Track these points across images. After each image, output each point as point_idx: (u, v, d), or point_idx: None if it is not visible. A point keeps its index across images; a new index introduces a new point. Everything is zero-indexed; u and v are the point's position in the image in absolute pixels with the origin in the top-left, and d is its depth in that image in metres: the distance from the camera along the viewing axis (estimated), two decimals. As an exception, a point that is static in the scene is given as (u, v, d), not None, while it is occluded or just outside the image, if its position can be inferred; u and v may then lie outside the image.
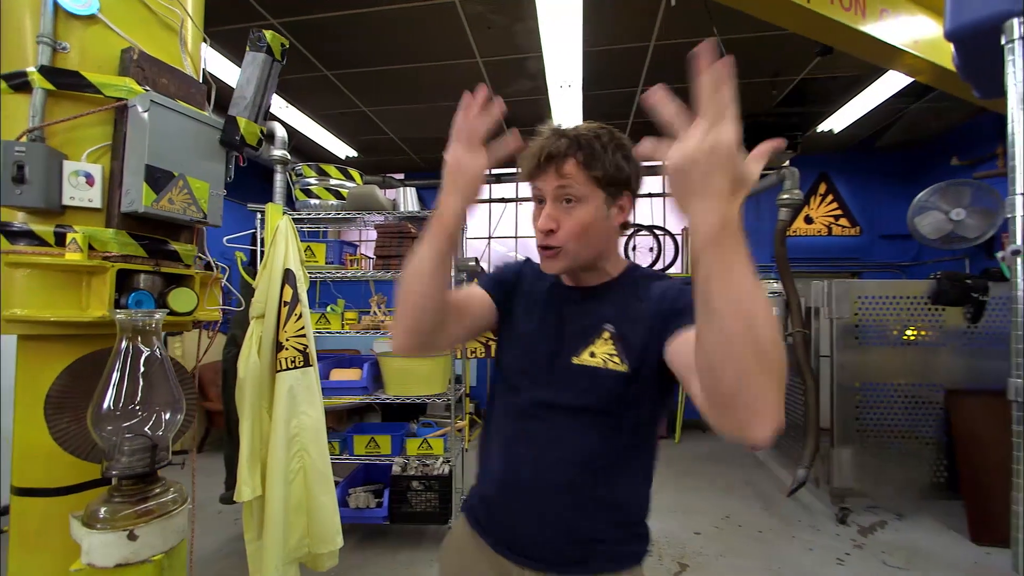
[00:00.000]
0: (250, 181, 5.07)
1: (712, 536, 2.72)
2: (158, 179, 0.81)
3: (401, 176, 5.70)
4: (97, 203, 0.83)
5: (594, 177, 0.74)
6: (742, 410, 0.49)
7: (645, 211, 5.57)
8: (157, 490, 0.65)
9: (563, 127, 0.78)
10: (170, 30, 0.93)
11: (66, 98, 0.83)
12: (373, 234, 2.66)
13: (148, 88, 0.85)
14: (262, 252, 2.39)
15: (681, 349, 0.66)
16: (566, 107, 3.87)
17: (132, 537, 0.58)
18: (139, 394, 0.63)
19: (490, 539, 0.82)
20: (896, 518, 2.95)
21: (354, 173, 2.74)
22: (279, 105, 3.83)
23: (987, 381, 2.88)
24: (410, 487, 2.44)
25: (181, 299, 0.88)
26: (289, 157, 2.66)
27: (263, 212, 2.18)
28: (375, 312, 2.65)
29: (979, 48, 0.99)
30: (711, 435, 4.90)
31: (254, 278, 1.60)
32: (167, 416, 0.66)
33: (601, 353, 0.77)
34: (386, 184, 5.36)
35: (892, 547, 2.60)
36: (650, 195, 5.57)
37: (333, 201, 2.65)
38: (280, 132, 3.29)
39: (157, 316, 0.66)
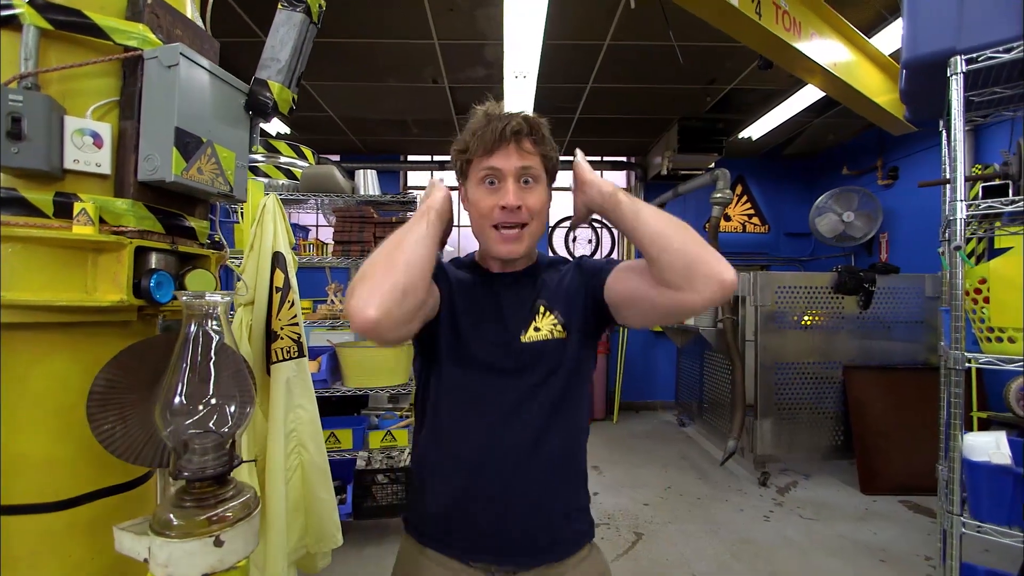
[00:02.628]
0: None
1: (659, 506, 2.96)
2: (187, 144, 0.71)
3: (336, 158, 5.37)
4: (106, 168, 0.70)
5: (544, 158, 0.80)
6: (703, 265, 0.70)
7: (584, 204, 5.79)
8: (231, 492, 0.58)
9: (502, 108, 0.80)
10: (179, -25, 0.82)
11: (62, 41, 0.69)
12: (316, 218, 2.50)
13: (162, 38, 0.74)
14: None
15: (619, 277, 0.81)
16: (519, 97, 3.89)
17: (218, 543, 0.52)
18: (211, 386, 0.57)
19: (453, 552, 0.80)
20: (804, 478, 3.42)
21: (306, 151, 2.55)
22: (204, 70, 3.41)
23: (874, 358, 3.43)
24: (375, 481, 2.37)
25: (199, 281, 0.79)
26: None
27: None
28: (332, 301, 2.51)
29: (924, 78, 1.18)
30: (645, 414, 5.29)
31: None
32: (234, 410, 0.60)
33: (544, 326, 0.82)
34: (321, 165, 5.03)
35: (804, 502, 3.01)
36: (589, 189, 5.79)
37: (284, 181, 2.44)
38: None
39: (226, 299, 0.59)
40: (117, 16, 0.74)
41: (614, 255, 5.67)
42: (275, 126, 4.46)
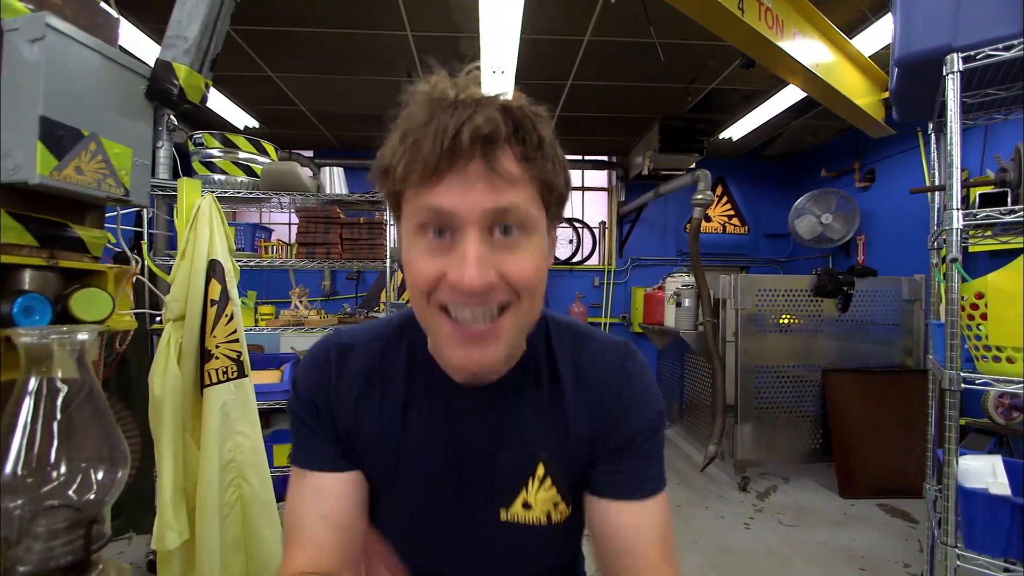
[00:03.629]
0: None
1: None
2: (60, 138, 0.58)
3: (310, 154, 5.16)
4: (-46, 167, 0.57)
5: (543, 184, 0.45)
6: None
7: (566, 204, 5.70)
8: (91, 578, 0.46)
9: (462, 91, 0.44)
10: (63, -68, 0.68)
11: None
12: (288, 217, 2.35)
13: (30, 7, 0.60)
14: (150, 236, 1.98)
15: (623, 525, 0.51)
16: (496, 93, 3.77)
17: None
18: (61, 448, 0.44)
19: None
20: (784, 481, 3.40)
21: (268, 147, 2.39)
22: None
23: (853, 361, 3.42)
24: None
25: (89, 303, 0.66)
26: (175, 123, 2.22)
27: (157, 188, 1.79)
28: (296, 306, 2.35)
29: (917, 77, 1.12)
30: (624, 417, 5.23)
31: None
32: (101, 475, 0.47)
33: (541, 502, 0.52)
34: (292, 160, 4.82)
35: (784, 508, 2.98)
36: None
37: (243, 178, 2.28)
38: (163, 91, 2.75)
39: (82, 336, 0.46)
40: (-27, -22, 0.59)
41: (595, 255, 5.61)
42: (243, 119, 4.25)
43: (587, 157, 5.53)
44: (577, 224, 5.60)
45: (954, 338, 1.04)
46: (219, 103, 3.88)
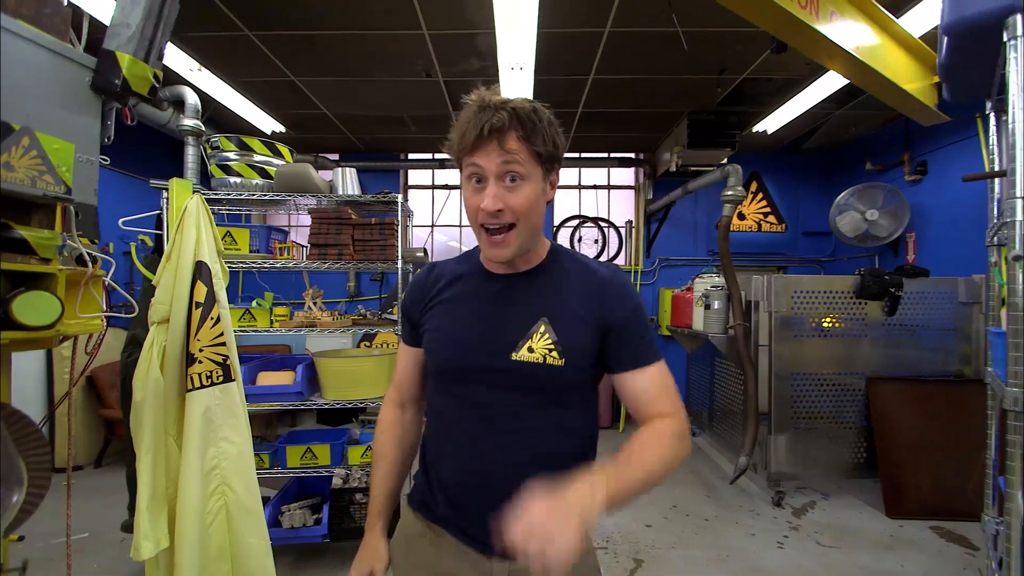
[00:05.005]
0: (155, 153, 4.40)
1: (662, 527, 2.75)
2: (-14, 133, 0.54)
3: (336, 157, 5.24)
4: None
5: (536, 152, 0.74)
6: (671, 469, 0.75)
7: (590, 203, 5.57)
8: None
9: (491, 99, 0.74)
10: (9, -81, 0.65)
11: None
12: (306, 219, 2.35)
13: (-30, -3, 0.57)
14: (159, 239, 2.01)
15: (634, 388, 0.79)
16: (516, 90, 3.70)
17: None
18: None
19: (454, 530, 0.81)
20: (823, 498, 3.16)
21: (283, 149, 2.40)
22: (189, 67, 3.30)
23: (901, 368, 3.15)
24: (353, 500, 2.20)
25: (33, 307, 0.62)
26: (203, 128, 2.27)
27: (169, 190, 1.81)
28: (310, 307, 2.35)
29: (970, 45, 0.97)
30: (652, 423, 5.04)
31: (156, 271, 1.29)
32: (-3, 497, 0.43)
33: (539, 348, 0.77)
34: (319, 165, 4.90)
35: (822, 526, 2.76)
36: (595, 187, 5.57)
37: (258, 180, 2.30)
38: (191, 99, 2.82)
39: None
40: (-92, -32, 0.57)
41: (621, 255, 5.44)
42: (270, 124, 4.35)
43: (613, 155, 5.38)
44: (603, 224, 5.45)
45: (1018, 349, 0.88)
46: (246, 109, 3.98)
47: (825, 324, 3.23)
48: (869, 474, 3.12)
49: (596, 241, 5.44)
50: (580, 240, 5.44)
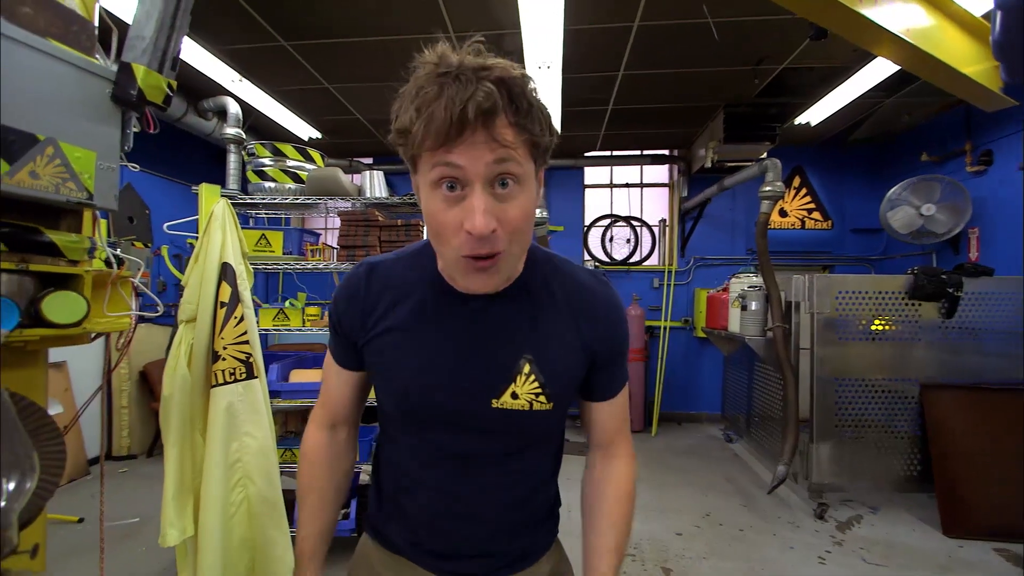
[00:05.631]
0: (203, 161, 4.67)
1: (694, 536, 2.65)
2: (12, 143, 0.58)
3: (369, 161, 5.39)
4: (-75, 175, 0.60)
5: (531, 143, 0.54)
6: None
7: (622, 202, 5.47)
8: (-5, 591, 0.45)
9: (463, 61, 0.51)
10: (41, -55, 0.70)
11: None
12: (339, 221, 2.42)
13: (5, 17, 0.62)
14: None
15: (600, 417, 0.74)
16: (543, 89, 3.68)
17: None
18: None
19: (424, 561, 0.71)
20: (871, 512, 2.96)
21: (314, 154, 2.48)
22: (231, 79, 3.47)
23: (960, 375, 2.91)
24: (378, 498, 2.24)
25: (61, 306, 0.66)
26: (243, 136, 2.39)
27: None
28: (339, 308, 2.42)
29: (1027, 19, 0.88)
30: (688, 427, 4.90)
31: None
32: (10, 484, 0.46)
33: (524, 393, 0.64)
34: (352, 169, 5.05)
35: (870, 543, 2.59)
36: (627, 185, 5.47)
37: (291, 185, 2.39)
38: (233, 108, 2.98)
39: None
40: (-49, -6, 0.62)
41: (654, 255, 5.31)
42: (306, 130, 4.52)
43: (645, 152, 5.26)
44: (635, 223, 5.34)
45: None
46: (284, 116, 4.15)
47: (875, 327, 3.03)
48: (923, 488, 2.90)
49: (628, 240, 5.33)
50: (611, 240, 5.35)
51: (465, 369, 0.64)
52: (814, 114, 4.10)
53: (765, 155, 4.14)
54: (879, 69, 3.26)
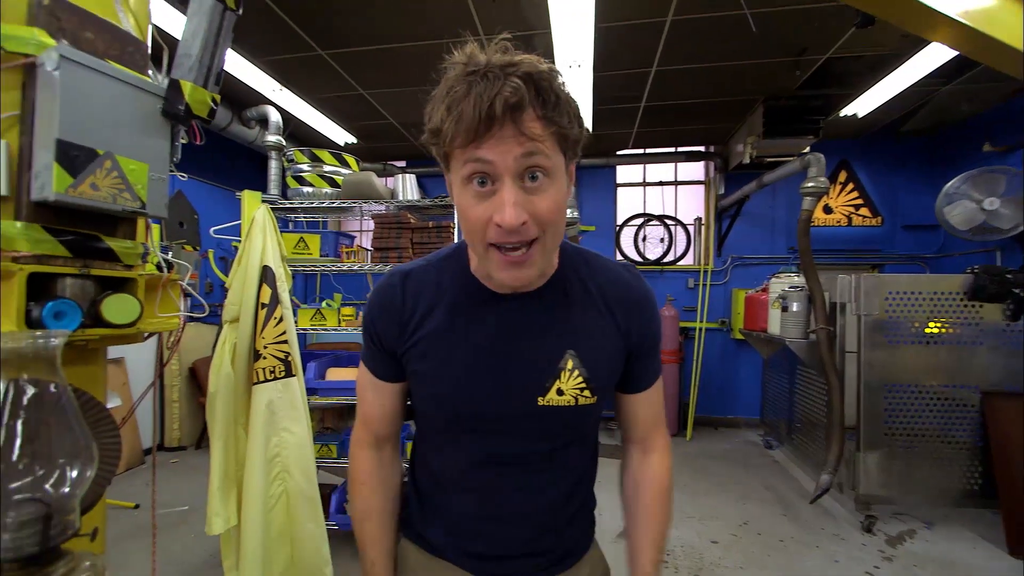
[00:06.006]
0: (248, 168, 4.89)
1: (730, 545, 2.57)
2: (75, 158, 0.63)
3: (403, 164, 5.50)
4: (2, 189, 0.65)
5: (560, 136, 0.55)
6: None
7: (657, 200, 5.36)
8: (60, 571, 0.49)
9: (491, 59, 0.52)
10: (100, -27, 0.75)
11: (-42, 55, 0.65)
12: (373, 224, 2.49)
13: (64, 42, 0.67)
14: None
15: (634, 409, 0.74)
16: (574, 88, 3.65)
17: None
18: (27, 446, 0.47)
19: (465, 563, 0.71)
20: (926, 527, 2.79)
21: (349, 159, 2.56)
22: (272, 88, 3.63)
23: (1028, 383, 2.70)
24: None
25: (118, 308, 0.71)
26: (284, 143, 2.49)
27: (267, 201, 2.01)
28: (373, 308, 2.49)
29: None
30: (725, 432, 4.75)
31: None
32: (67, 472, 0.50)
33: (570, 388, 0.64)
34: (386, 173, 5.17)
35: (924, 559, 2.44)
36: (661, 183, 5.36)
37: (327, 189, 2.47)
38: (274, 117, 3.11)
39: (54, 341, 0.49)
40: (23, 22, 0.68)
41: (689, 254, 5.18)
42: (342, 136, 4.66)
43: (680, 148, 5.13)
44: (669, 221, 5.22)
45: None
46: (322, 123, 4.29)
47: (930, 329, 2.85)
48: (985, 503, 2.70)
49: (662, 240, 5.22)
50: (645, 239, 5.25)
51: (509, 370, 0.64)
52: (861, 105, 3.90)
53: (808, 149, 3.96)
54: (934, 55, 3.06)
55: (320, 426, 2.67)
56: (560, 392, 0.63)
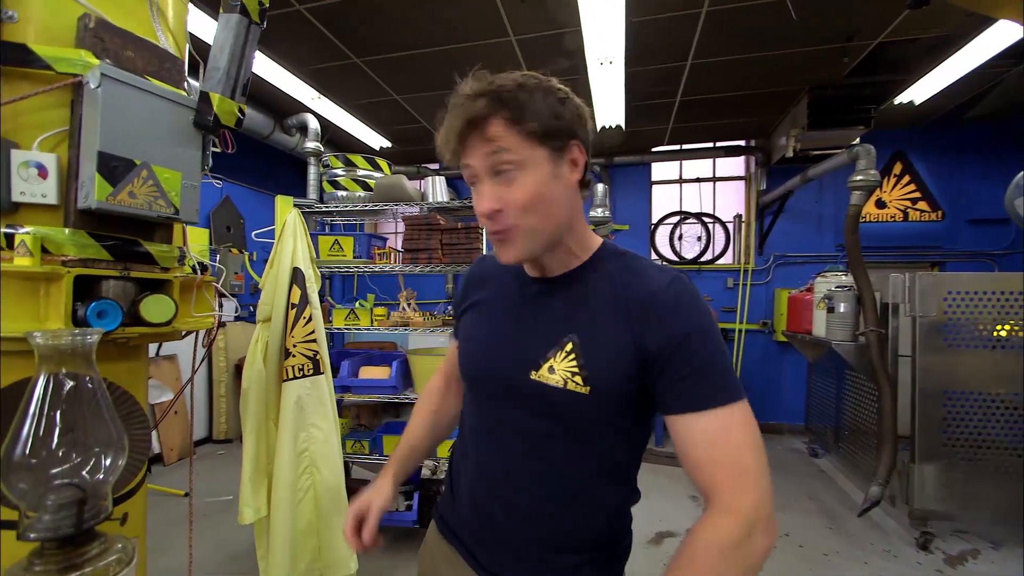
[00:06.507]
0: (285, 173, 5.11)
1: (770, 559, 2.45)
2: (115, 168, 0.68)
3: (436, 166, 5.59)
4: (52, 199, 0.71)
5: (530, 133, 0.62)
6: None
7: (694, 197, 5.20)
8: (94, 551, 0.53)
9: (469, 87, 0.63)
10: (140, -4, 0.80)
11: (15, 77, 0.71)
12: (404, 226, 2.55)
13: (108, 61, 0.72)
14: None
15: (682, 441, 0.61)
16: (606, 85, 3.60)
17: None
18: (65, 435, 0.51)
19: (462, 551, 0.75)
20: (991, 547, 2.57)
21: (382, 162, 2.62)
22: (311, 96, 3.77)
23: (1113, 392, 2.43)
24: (440, 491, 2.33)
25: (155, 308, 0.76)
26: (322, 149, 2.59)
27: (304, 206, 2.10)
28: (403, 308, 2.54)
29: None
30: (766, 439, 4.51)
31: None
32: (106, 461, 0.54)
33: (562, 369, 0.65)
34: (420, 175, 5.27)
35: (988, 582, 2.25)
36: (698, 180, 5.19)
37: (361, 193, 2.54)
38: (313, 124, 3.23)
39: (90, 339, 0.53)
40: (72, 44, 0.74)
41: (728, 253, 5.00)
42: (378, 140, 4.78)
43: (718, 144, 4.95)
44: (707, 219, 5.05)
45: None
46: (358, 129, 4.42)
47: (998, 332, 2.62)
48: (1062, 524, 2.46)
49: (699, 238, 5.06)
50: (681, 238, 5.10)
51: (515, 341, 0.70)
52: (918, 91, 3.63)
53: (857, 141, 3.73)
54: (1002, 34, 2.82)
55: (355, 423, 2.76)
56: (551, 371, 0.65)
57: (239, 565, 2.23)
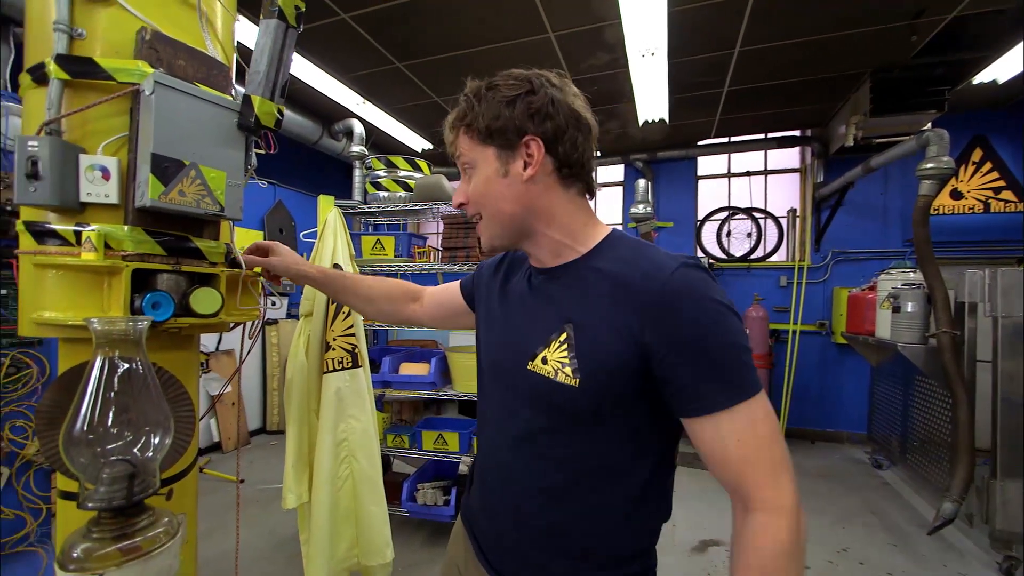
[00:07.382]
0: (333, 176, 5.33)
1: (824, 572, 2.30)
2: (166, 169, 0.73)
3: (476, 166, 5.65)
4: (114, 198, 0.77)
5: (478, 134, 0.68)
6: None
7: (743, 192, 4.97)
8: (143, 523, 0.57)
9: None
10: (190, 8, 0.86)
11: (84, 88, 0.78)
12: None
13: (161, 69, 0.77)
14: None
15: (702, 445, 0.59)
16: (649, 78, 3.50)
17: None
18: (119, 415, 0.55)
19: (474, 544, 0.77)
20: (1090, 576, 2.28)
21: (422, 163, 2.68)
22: (356, 102, 3.91)
23: None
24: (477, 488, 2.35)
25: (203, 300, 0.81)
26: (367, 152, 2.68)
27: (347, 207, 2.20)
28: (443, 306, 2.58)
29: None
30: (823, 447, 4.28)
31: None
32: (155, 439, 0.58)
33: (553, 359, 0.64)
34: (439, 174, 5.34)
35: (1086, 616, 2.00)
36: (748, 174, 4.95)
37: (402, 193, 2.61)
38: (358, 128, 3.36)
39: (140, 325, 0.57)
40: (131, 56, 0.80)
41: (781, 250, 4.73)
42: (419, 142, 4.89)
43: (770, 135, 4.71)
44: (758, 214, 4.81)
45: None
46: (400, 132, 4.54)
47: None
48: None
49: (749, 235, 4.83)
50: (729, 235, 4.89)
51: (517, 330, 0.73)
52: (1001, 69, 3.29)
53: (929, 126, 3.43)
54: (1104, 0, 2.50)
55: (396, 418, 2.83)
56: (544, 361, 0.65)
57: (288, 549, 2.35)
